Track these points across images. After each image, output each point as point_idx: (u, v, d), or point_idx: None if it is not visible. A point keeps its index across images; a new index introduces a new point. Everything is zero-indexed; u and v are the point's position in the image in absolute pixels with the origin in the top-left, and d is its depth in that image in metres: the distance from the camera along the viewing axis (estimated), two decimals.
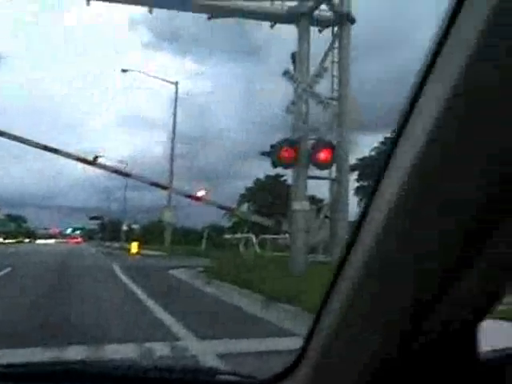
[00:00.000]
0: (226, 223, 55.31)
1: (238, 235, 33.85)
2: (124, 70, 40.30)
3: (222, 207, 20.93)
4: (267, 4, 15.74)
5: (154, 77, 43.72)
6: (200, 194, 22.53)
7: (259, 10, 15.70)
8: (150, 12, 16.64)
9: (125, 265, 25.23)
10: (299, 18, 15.13)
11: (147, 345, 6.92)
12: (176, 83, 40.76)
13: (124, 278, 17.74)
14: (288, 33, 16.12)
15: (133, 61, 79.58)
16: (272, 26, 16.18)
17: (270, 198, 49.27)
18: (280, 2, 15.67)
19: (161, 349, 6.82)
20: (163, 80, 40.77)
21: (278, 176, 49.58)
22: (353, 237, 0.76)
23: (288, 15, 15.41)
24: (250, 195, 56.61)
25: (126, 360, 5.76)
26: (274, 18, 15.96)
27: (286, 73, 14.81)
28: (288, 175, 22.32)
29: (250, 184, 58.38)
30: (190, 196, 20.34)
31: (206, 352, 6.69)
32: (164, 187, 23.11)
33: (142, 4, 16.65)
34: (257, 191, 55.56)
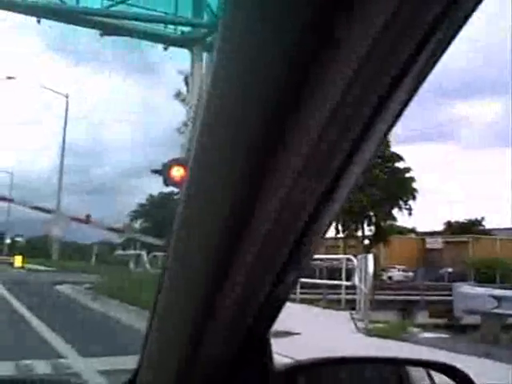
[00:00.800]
0: (117, 239, 54.08)
1: (130, 252, 33.33)
2: (10, 78, 38.70)
3: (110, 229, 20.54)
4: (160, 26, 16.06)
5: (43, 87, 42.14)
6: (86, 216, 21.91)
7: (152, 32, 15.95)
8: (38, 22, 16.52)
9: (7, 279, 24.00)
10: (193, 43, 15.57)
11: (26, 362, 6.79)
12: (67, 95, 40.05)
13: (5, 293, 17.02)
14: (183, 55, 16.47)
15: (22, 69, 75.93)
16: (166, 49, 16.46)
17: (163, 215, 48.72)
18: (173, 26, 16.00)
19: (42, 366, 6.77)
20: (53, 91, 39.80)
21: (172, 193, 49.19)
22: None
23: (182, 39, 15.80)
24: (143, 211, 55.77)
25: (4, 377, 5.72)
26: (168, 41, 16.23)
27: (177, 95, 15.15)
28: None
29: (143, 201, 57.51)
30: (76, 219, 19.78)
31: (89, 369, 6.76)
32: (48, 211, 22.39)
33: (30, 14, 16.42)
34: (150, 208, 54.85)
